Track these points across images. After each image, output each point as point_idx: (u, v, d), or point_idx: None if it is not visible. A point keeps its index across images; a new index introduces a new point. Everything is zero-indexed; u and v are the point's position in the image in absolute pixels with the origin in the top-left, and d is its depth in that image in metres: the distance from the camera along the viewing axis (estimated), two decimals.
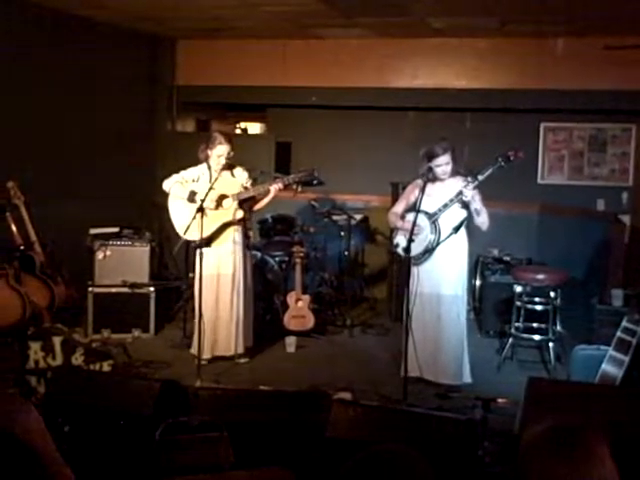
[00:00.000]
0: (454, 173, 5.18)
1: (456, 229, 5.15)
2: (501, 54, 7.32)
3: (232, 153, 5.50)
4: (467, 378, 5.27)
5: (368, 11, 6.26)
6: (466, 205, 5.11)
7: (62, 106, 6.71)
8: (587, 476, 1.66)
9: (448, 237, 5.15)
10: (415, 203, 5.10)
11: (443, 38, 7.32)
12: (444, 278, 5.19)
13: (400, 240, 5.21)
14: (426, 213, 5.14)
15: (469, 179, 5.06)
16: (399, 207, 5.39)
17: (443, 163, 5.11)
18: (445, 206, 5.10)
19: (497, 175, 5.03)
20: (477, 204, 5.05)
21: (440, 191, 5.18)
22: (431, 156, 5.10)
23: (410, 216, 5.15)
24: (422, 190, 4.97)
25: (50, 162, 6.57)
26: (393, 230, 5.45)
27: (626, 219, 7.45)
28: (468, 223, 5.21)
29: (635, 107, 7.11)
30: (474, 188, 5.02)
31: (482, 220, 5.11)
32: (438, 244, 5.14)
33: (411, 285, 5.11)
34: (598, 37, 6.85)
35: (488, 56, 7.35)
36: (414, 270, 5.15)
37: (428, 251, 5.15)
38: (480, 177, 5.01)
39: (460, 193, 5.04)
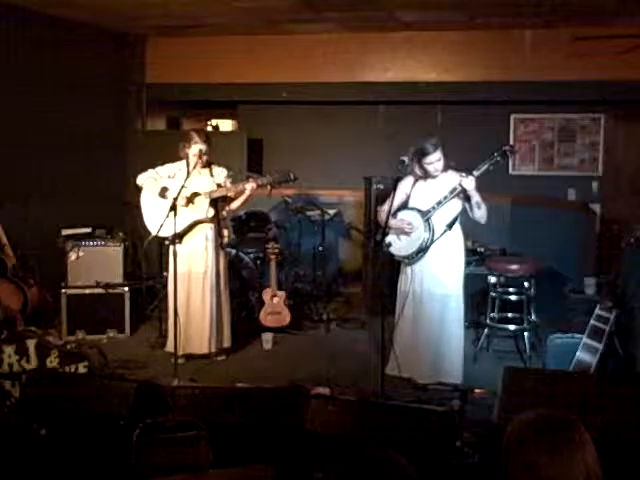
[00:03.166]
0: (445, 168, 5.03)
1: (450, 225, 4.98)
2: (470, 47, 7.34)
3: (205, 151, 5.47)
4: (458, 379, 5.09)
5: (337, 5, 6.25)
6: (464, 199, 4.97)
7: (30, 106, 6.61)
8: (570, 464, 1.68)
9: (442, 234, 4.99)
10: (407, 200, 5.02)
11: (412, 32, 7.33)
12: (439, 277, 5.03)
13: (392, 239, 5.03)
14: (419, 211, 5.01)
15: (463, 174, 4.91)
16: (389, 205, 5.11)
17: (435, 160, 4.95)
18: (439, 203, 4.95)
19: (472, 167, 4.98)
20: (478, 197, 4.91)
21: (433, 188, 5.04)
22: (422, 154, 4.94)
23: (402, 214, 5.04)
24: (396, 188, 4.89)
25: (18, 163, 6.47)
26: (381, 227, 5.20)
27: (597, 208, 7.54)
28: (461, 219, 5.09)
29: (603, 97, 7.19)
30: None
31: (482, 213, 4.96)
32: (432, 242, 4.98)
33: (403, 284, 5.06)
34: (565, 28, 6.91)
35: (458, 49, 7.38)
36: (407, 269, 5.09)
37: (422, 250, 4.98)
38: (476, 172, 4.88)
39: (455, 189, 4.90)
